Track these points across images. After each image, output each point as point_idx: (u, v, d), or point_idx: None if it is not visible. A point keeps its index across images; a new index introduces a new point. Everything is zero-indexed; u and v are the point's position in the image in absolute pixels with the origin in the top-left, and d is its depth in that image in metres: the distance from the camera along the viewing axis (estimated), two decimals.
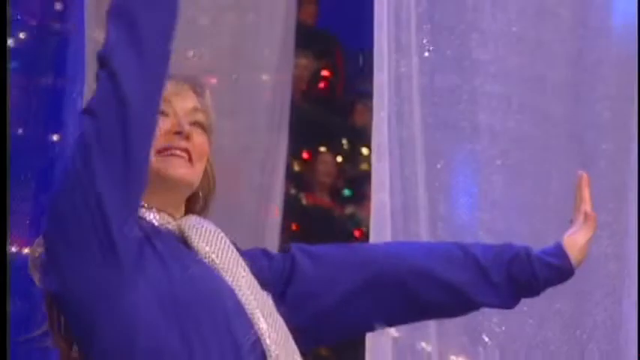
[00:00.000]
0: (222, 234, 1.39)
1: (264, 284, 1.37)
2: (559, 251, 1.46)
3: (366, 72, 2.84)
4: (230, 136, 2.69)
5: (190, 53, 2.55)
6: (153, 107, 1.30)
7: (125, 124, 1.27)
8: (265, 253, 1.46)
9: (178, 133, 1.36)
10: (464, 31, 2.35)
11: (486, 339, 2.27)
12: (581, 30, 2.52)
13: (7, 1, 2.71)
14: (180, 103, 1.40)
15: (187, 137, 1.36)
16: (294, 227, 3.44)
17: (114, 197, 1.27)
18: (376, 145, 2.13)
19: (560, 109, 2.47)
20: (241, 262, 1.36)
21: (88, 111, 1.28)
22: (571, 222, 1.48)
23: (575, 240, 1.47)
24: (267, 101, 2.88)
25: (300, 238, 2.90)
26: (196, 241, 1.35)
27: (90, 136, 1.26)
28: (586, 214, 1.48)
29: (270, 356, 1.30)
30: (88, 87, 2.47)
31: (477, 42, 2.37)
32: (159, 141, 1.35)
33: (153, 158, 1.33)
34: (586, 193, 1.51)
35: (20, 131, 2.78)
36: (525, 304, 1.57)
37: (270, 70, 2.90)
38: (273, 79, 2.89)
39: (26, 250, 2.76)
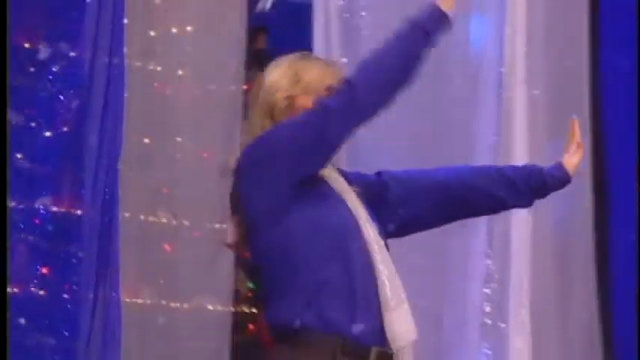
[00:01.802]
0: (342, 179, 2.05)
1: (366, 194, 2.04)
2: (560, 167, 2.14)
3: None
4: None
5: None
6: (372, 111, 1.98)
7: (352, 116, 1.95)
8: (363, 174, 2.14)
9: None
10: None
11: None
12: None
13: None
14: None
15: None
16: None
17: (325, 149, 1.95)
18: None
19: None
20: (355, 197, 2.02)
21: (332, 101, 1.95)
22: (565, 149, 2.14)
23: (571, 161, 2.14)
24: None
25: None
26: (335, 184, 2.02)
27: (333, 109, 1.94)
28: (578, 144, 2.15)
29: (378, 270, 1.93)
30: None
31: None
32: None
33: None
34: (577, 130, 2.17)
35: None
36: None
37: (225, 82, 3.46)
38: (227, 89, 3.45)
39: None
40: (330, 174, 2.09)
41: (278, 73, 2.12)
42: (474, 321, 3.22)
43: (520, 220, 3.24)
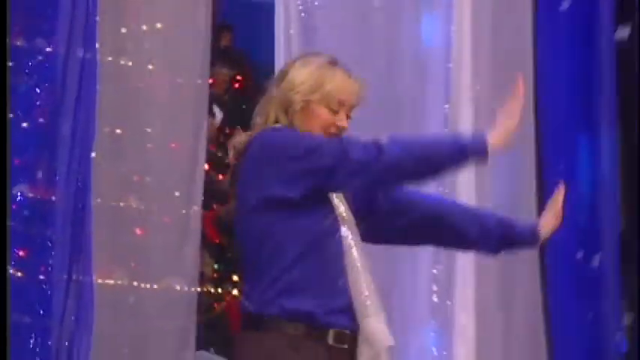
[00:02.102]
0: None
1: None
2: (534, 233, 2.22)
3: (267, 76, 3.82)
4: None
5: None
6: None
7: (362, 175, 2.04)
8: None
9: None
10: None
11: None
12: None
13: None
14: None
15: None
16: None
17: (331, 187, 2.08)
18: None
19: None
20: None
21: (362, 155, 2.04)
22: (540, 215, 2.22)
23: (547, 225, 2.21)
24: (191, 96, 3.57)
25: None
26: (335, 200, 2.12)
27: (351, 159, 2.03)
28: (556, 214, 2.21)
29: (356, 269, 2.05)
30: None
31: None
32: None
33: None
34: (560, 200, 2.22)
35: None
36: None
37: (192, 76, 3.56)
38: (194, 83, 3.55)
39: None
40: None
41: (304, 75, 2.16)
42: (423, 299, 3.36)
43: (467, 201, 3.24)
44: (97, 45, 3.26)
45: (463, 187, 3.19)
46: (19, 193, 3.31)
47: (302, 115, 2.14)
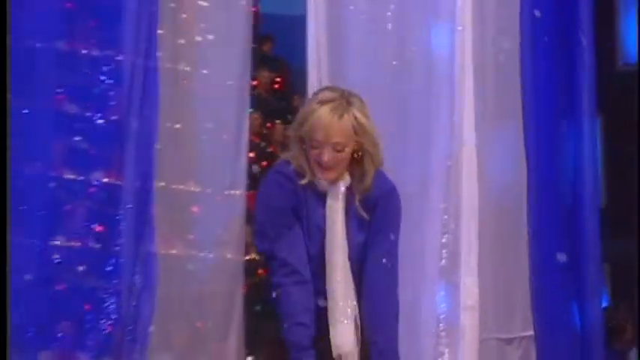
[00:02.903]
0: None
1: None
2: None
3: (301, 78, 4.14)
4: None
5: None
6: None
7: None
8: None
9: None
10: None
11: None
12: None
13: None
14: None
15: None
16: None
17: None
18: None
19: None
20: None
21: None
22: None
23: None
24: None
25: None
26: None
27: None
28: None
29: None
30: None
31: None
32: None
33: None
34: None
35: None
36: None
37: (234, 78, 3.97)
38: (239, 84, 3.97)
39: None
40: (336, 193, 2.34)
41: (300, 112, 2.35)
42: (434, 263, 3.70)
43: (470, 186, 3.72)
44: (158, 54, 3.65)
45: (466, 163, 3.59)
46: (95, 179, 3.70)
47: (299, 146, 2.31)
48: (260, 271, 4.47)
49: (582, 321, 3.67)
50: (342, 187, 2.37)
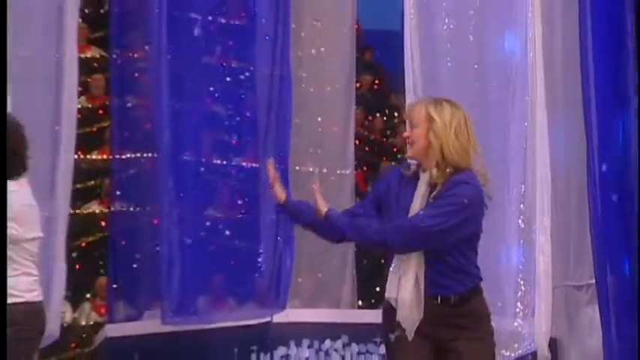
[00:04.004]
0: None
1: None
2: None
3: (398, 81, 4.81)
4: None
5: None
6: None
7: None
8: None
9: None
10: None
11: None
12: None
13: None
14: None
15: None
16: None
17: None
18: None
19: None
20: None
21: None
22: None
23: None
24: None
25: None
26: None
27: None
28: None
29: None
30: None
31: None
32: None
33: None
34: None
35: None
36: None
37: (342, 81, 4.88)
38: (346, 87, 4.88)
39: None
40: None
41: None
42: (513, 225, 4.10)
43: (542, 162, 4.12)
44: (287, 64, 4.36)
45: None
46: (235, 164, 4.45)
47: None
48: None
49: (631, 270, 3.99)
50: (426, 177, 2.82)
